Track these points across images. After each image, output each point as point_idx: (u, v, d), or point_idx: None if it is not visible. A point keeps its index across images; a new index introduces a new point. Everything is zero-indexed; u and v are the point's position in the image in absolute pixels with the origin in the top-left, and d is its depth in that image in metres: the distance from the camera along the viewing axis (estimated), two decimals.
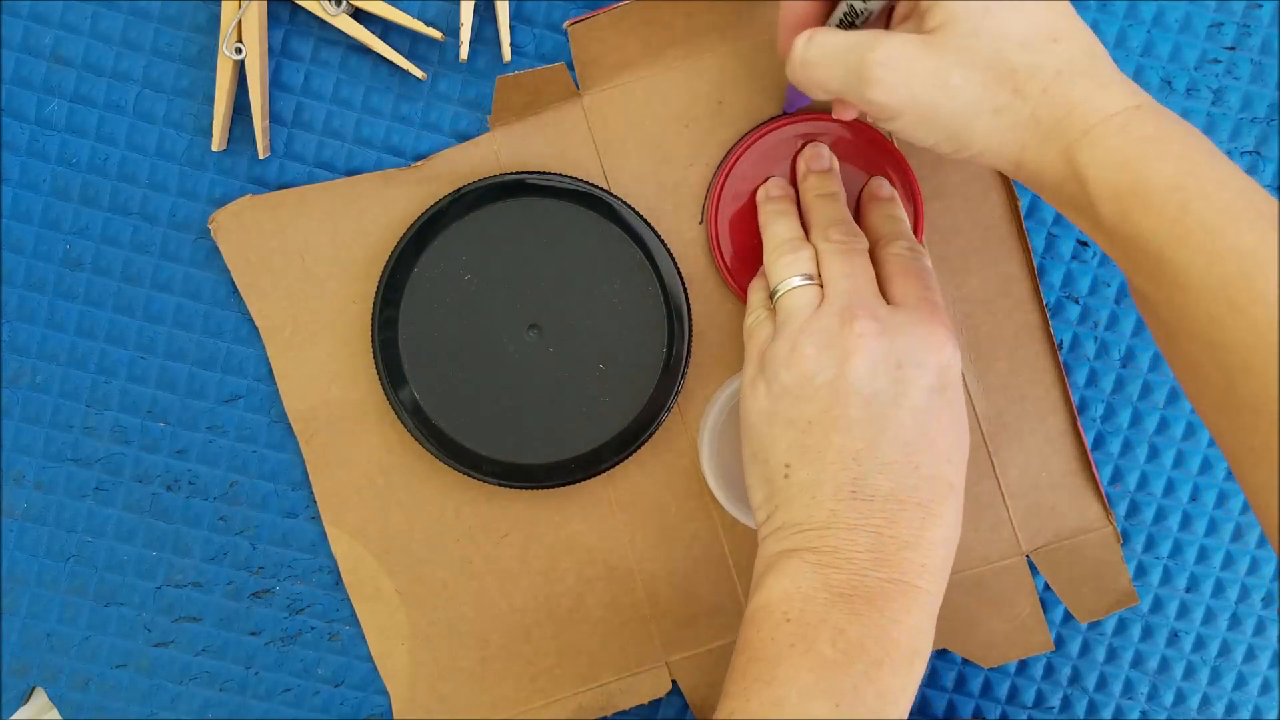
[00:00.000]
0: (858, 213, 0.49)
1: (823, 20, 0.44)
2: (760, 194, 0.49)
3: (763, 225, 0.48)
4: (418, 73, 0.49)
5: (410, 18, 0.48)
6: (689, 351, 0.50)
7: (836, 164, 0.49)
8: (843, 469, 0.41)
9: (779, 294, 0.45)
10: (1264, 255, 0.35)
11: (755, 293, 0.47)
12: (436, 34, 0.49)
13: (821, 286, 0.44)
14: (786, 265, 0.45)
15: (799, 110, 0.50)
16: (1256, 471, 0.37)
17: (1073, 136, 0.39)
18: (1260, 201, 0.36)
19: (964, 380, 0.43)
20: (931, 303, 0.44)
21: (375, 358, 0.49)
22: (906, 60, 0.39)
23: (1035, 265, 0.51)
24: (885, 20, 0.43)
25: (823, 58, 0.41)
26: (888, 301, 0.44)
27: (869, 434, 0.41)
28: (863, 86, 0.40)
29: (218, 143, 0.49)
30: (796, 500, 0.42)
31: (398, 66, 0.50)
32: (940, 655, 0.53)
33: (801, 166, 0.49)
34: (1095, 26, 0.51)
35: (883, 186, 0.49)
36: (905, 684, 0.40)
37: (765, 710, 0.39)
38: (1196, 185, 0.37)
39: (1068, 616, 0.53)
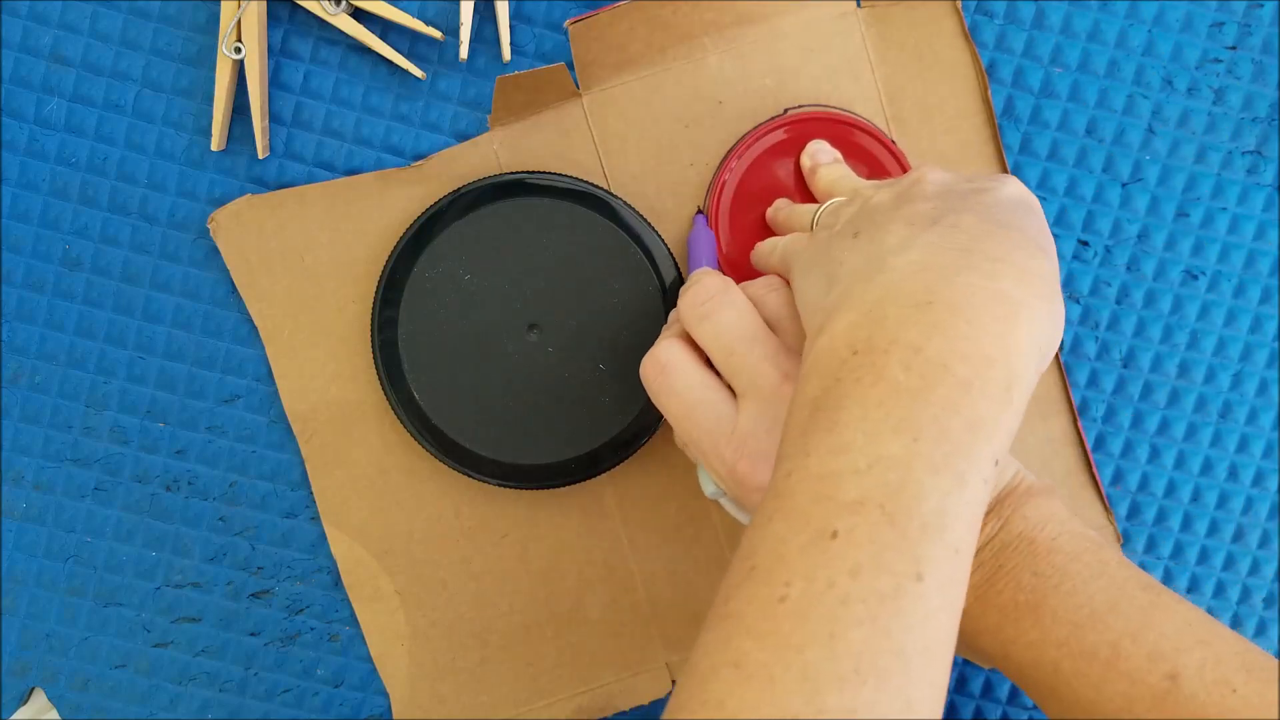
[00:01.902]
0: None
1: None
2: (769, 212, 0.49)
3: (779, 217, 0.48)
4: (417, 72, 0.49)
5: (410, 17, 0.48)
6: None
7: (840, 156, 0.49)
8: (920, 209, 0.37)
9: (821, 211, 0.44)
10: None
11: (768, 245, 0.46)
12: (436, 33, 0.49)
13: None
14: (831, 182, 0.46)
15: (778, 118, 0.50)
16: None
17: None
18: None
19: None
20: None
21: (375, 358, 0.49)
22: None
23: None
24: None
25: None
26: None
27: (947, 206, 0.37)
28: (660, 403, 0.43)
29: (217, 142, 0.49)
30: (866, 245, 0.37)
31: (397, 66, 0.50)
32: None
33: (807, 163, 0.49)
34: (1095, 26, 0.51)
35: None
36: (1000, 413, 0.32)
37: (826, 461, 0.32)
38: (1015, 652, 0.40)
39: None
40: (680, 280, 0.49)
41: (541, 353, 0.49)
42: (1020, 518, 0.40)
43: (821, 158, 0.48)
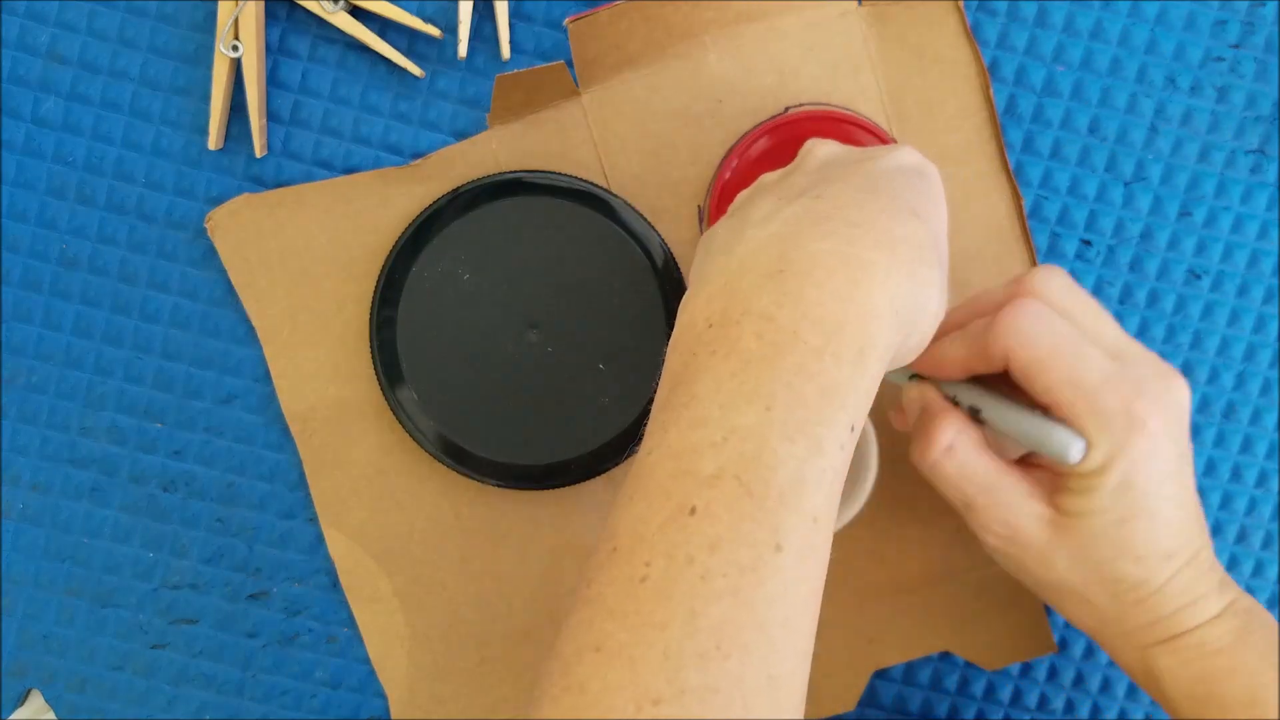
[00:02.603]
0: None
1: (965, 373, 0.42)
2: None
3: None
4: (416, 70, 0.49)
5: (409, 15, 0.48)
6: None
7: None
8: (793, 182, 0.38)
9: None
10: None
11: None
12: (435, 31, 0.49)
13: None
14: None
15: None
16: None
17: (1151, 641, 0.40)
18: None
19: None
20: None
21: (373, 358, 0.49)
22: (1027, 536, 0.40)
23: (1039, 264, 0.51)
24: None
25: (955, 476, 0.40)
26: None
27: (826, 177, 0.37)
28: (978, 527, 0.41)
29: (214, 141, 0.49)
30: (735, 220, 0.37)
31: (396, 64, 0.49)
32: (943, 658, 0.53)
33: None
34: (1098, 24, 0.51)
35: None
36: (855, 378, 0.32)
37: (685, 435, 0.32)
38: (1267, 698, 0.38)
39: None
40: (680, 279, 0.49)
41: (541, 353, 0.49)
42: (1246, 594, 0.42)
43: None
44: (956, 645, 0.52)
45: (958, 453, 0.40)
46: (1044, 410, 0.39)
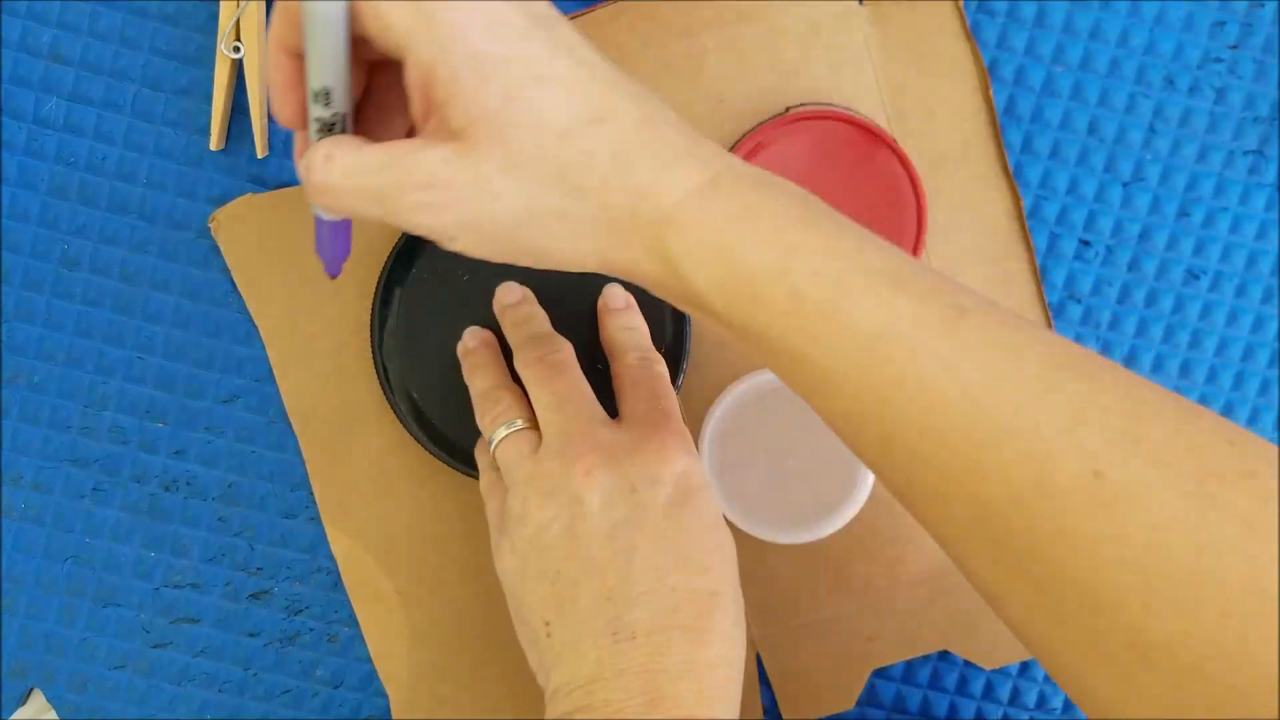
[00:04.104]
0: (596, 327, 0.49)
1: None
2: (459, 349, 0.48)
3: (466, 381, 0.47)
4: None
5: None
6: (689, 351, 0.49)
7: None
8: (598, 613, 0.39)
9: (493, 448, 0.43)
10: (893, 329, 0.31)
11: (482, 455, 0.46)
12: None
13: (536, 428, 0.43)
14: (492, 419, 0.44)
15: None
16: (969, 559, 0.33)
17: (654, 229, 0.33)
18: (876, 257, 0.32)
19: (707, 484, 0.42)
20: (661, 412, 0.42)
21: (375, 357, 0.49)
22: (446, 176, 0.32)
23: (1038, 265, 0.51)
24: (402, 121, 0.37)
25: (348, 183, 0.33)
26: (618, 415, 0.43)
27: (618, 568, 0.39)
28: (405, 214, 0.33)
29: (216, 142, 0.49)
30: (562, 659, 0.40)
31: None
32: (942, 657, 0.53)
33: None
34: (1097, 25, 0.51)
35: (616, 297, 0.48)
36: None
37: None
38: (801, 264, 0.32)
39: None
40: None
41: None
42: None
43: (509, 298, 0.48)
44: (955, 644, 0.52)
45: (340, 155, 0.34)
46: None
